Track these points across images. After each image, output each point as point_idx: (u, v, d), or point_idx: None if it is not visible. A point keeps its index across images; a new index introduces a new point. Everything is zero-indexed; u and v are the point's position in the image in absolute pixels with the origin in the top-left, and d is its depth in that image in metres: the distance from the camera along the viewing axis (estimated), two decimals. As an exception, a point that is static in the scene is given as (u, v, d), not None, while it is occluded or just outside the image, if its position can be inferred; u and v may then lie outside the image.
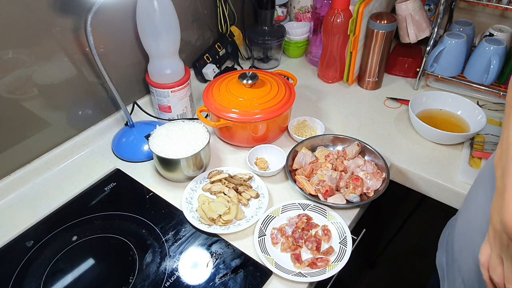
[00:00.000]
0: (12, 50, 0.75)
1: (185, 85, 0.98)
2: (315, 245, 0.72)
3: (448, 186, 0.85)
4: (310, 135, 0.97)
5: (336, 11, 1.05)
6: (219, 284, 0.68)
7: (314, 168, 0.85)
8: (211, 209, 0.78)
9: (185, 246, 0.75)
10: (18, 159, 0.86)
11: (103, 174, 0.91)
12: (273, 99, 0.90)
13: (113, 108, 1.01)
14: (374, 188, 0.81)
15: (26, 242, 0.76)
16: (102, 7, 0.84)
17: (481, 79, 1.05)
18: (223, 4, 1.15)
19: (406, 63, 1.19)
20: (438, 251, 0.76)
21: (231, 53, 1.24)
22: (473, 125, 0.96)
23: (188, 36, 1.13)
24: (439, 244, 0.77)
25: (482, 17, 1.22)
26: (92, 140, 0.97)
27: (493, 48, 1.00)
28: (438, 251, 0.76)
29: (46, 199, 0.85)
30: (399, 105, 1.09)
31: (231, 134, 0.93)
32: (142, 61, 1.01)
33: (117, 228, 0.78)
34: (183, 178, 0.86)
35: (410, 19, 1.11)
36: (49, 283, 0.69)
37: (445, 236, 0.75)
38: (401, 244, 1.37)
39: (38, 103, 0.84)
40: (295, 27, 1.30)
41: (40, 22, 0.77)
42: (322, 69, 1.19)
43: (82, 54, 0.88)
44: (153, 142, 0.84)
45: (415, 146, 0.95)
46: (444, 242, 0.74)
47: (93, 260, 0.74)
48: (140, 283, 0.69)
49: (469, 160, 0.89)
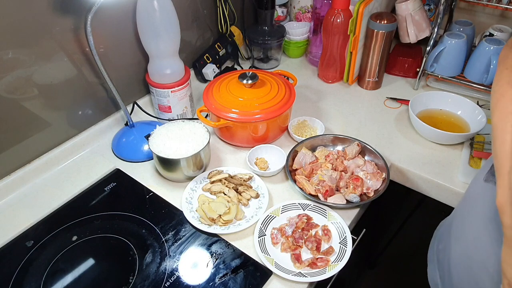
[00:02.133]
0: (12, 50, 0.75)
1: (185, 85, 0.98)
2: (315, 245, 0.72)
3: (448, 186, 0.85)
4: (310, 135, 0.97)
5: (336, 11, 1.05)
6: (219, 284, 0.68)
7: (314, 168, 0.85)
8: (211, 209, 0.78)
9: (185, 246, 0.75)
10: (18, 159, 0.86)
11: (103, 174, 0.91)
12: (273, 99, 0.90)
13: (113, 108, 1.01)
14: (374, 188, 0.81)
15: (26, 242, 0.76)
16: (102, 7, 0.84)
17: (481, 79, 1.05)
18: (223, 4, 1.15)
19: (406, 63, 1.19)
20: (429, 267, 0.74)
21: (231, 53, 1.24)
22: (473, 125, 0.96)
23: (188, 36, 1.13)
24: (429, 258, 0.75)
25: (482, 17, 1.22)
26: (92, 140, 0.97)
27: (493, 48, 1.00)
28: (429, 267, 0.74)
29: (46, 199, 0.85)
30: (399, 105, 1.09)
31: (231, 134, 0.93)
32: (142, 61, 1.01)
33: (117, 228, 0.78)
34: (183, 178, 0.86)
35: (410, 19, 1.11)
36: (49, 283, 0.69)
37: (434, 252, 0.73)
38: (401, 244, 1.37)
39: (38, 103, 0.84)
40: (295, 27, 1.30)
41: (40, 22, 0.77)
42: (322, 69, 1.19)
43: (82, 54, 0.88)
44: (153, 142, 0.84)
45: (415, 146, 0.95)
46: (435, 259, 0.72)
47: (93, 260, 0.73)
48: (140, 283, 0.69)
49: (469, 160, 0.89)
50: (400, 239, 1.35)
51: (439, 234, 0.74)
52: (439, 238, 0.73)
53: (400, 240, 1.35)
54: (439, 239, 0.73)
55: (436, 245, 0.73)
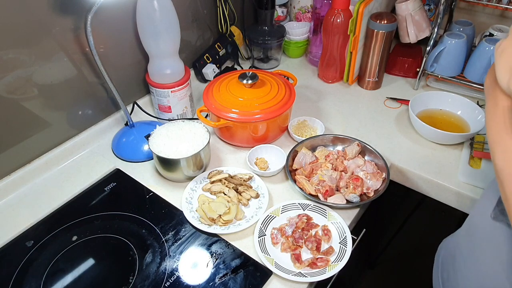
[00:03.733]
0: (12, 50, 0.75)
1: (185, 85, 0.98)
2: (315, 245, 0.72)
3: (448, 186, 0.85)
4: (310, 135, 0.97)
5: (336, 11, 1.05)
6: (219, 284, 0.68)
7: (314, 168, 0.85)
8: (211, 209, 0.78)
9: (185, 246, 0.75)
10: (18, 159, 0.86)
11: (103, 174, 0.91)
12: (273, 99, 0.90)
13: (113, 108, 1.01)
14: (374, 188, 0.81)
15: (26, 242, 0.76)
16: (102, 7, 0.84)
17: (481, 79, 1.04)
18: (223, 4, 1.15)
19: (406, 63, 1.19)
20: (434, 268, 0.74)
21: (231, 53, 1.24)
22: (473, 125, 0.96)
23: (188, 36, 1.13)
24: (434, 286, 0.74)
25: (482, 17, 1.22)
26: (92, 140, 0.97)
27: (493, 48, 1.00)
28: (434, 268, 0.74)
29: (46, 199, 0.85)
30: (399, 105, 1.09)
31: (231, 134, 0.93)
32: (142, 61, 1.01)
33: (117, 228, 0.78)
34: (183, 178, 0.86)
35: (410, 19, 1.11)
36: (49, 283, 0.69)
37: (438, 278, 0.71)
38: (401, 244, 1.37)
39: (38, 103, 0.84)
40: (295, 27, 1.30)
41: (40, 22, 0.77)
42: (322, 69, 1.19)
43: (82, 54, 0.88)
44: (153, 142, 0.84)
45: (415, 146, 0.95)
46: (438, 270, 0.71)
47: (93, 260, 0.74)
48: (140, 283, 0.69)
49: (469, 160, 0.89)
50: (400, 239, 1.35)
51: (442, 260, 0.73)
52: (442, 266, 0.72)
53: (400, 240, 1.35)
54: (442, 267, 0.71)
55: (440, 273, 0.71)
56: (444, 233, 0.77)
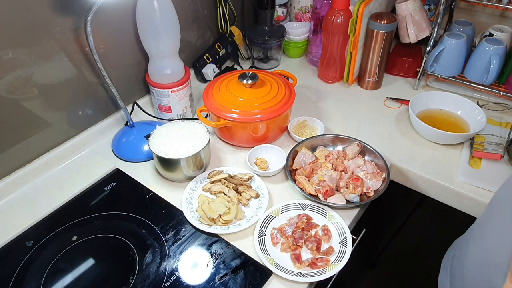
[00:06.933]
0: (12, 50, 0.75)
1: (185, 85, 0.98)
2: (315, 245, 0.72)
3: (448, 186, 0.85)
4: (310, 135, 0.97)
5: (336, 11, 1.05)
6: (219, 284, 0.68)
7: (314, 168, 0.85)
8: (211, 209, 0.78)
9: (185, 246, 0.75)
10: (18, 159, 0.86)
11: (103, 174, 0.91)
12: (273, 99, 0.90)
13: (113, 108, 1.01)
14: (374, 188, 0.81)
15: (26, 242, 0.76)
16: (102, 7, 0.84)
17: (481, 79, 1.05)
18: (223, 4, 1.15)
19: (406, 63, 1.19)
20: (441, 273, 0.74)
21: (231, 53, 1.24)
22: (473, 125, 0.96)
23: (188, 36, 1.13)
24: (442, 265, 0.75)
25: (482, 17, 1.22)
26: (92, 140, 0.97)
27: (493, 48, 1.00)
28: (441, 273, 0.74)
29: (46, 199, 0.85)
30: (399, 105, 1.09)
31: (231, 134, 0.93)
32: (142, 61, 1.01)
33: (117, 228, 0.78)
34: (183, 178, 0.86)
35: (410, 19, 1.11)
36: (49, 283, 0.69)
37: (450, 258, 0.73)
38: (401, 244, 1.37)
39: (38, 103, 0.84)
40: (295, 27, 1.30)
41: (40, 22, 0.77)
42: (322, 69, 1.19)
43: (82, 54, 0.88)
44: (153, 142, 0.84)
45: (415, 146, 0.95)
46: (448, 265, 0.72)
47: (93, 260, 0.73)
48: (140, 283, 0.69)
49: (469, 160, 0.89)
50: (400, 239, 1.35)
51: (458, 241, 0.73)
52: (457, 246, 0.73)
53: (400, 240, 1.35)
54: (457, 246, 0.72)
55: (453, 252, 0.72)
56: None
